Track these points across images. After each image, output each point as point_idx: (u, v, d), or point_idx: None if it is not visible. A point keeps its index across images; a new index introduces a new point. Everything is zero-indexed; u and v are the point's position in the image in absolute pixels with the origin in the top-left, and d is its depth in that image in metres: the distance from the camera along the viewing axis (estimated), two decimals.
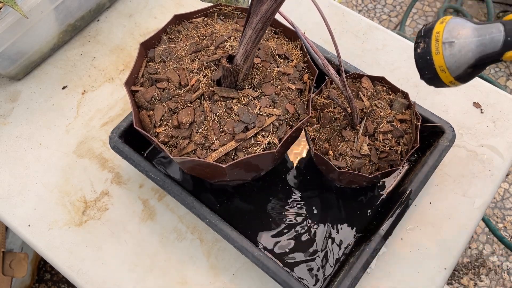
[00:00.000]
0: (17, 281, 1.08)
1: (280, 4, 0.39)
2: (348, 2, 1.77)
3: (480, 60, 0.36)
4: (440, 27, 0.38)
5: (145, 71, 0.52)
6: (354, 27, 0.76)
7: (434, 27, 0.38)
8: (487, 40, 0.36)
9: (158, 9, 0.79)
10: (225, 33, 0.53)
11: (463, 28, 0.37)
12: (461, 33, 0.37)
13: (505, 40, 0.35)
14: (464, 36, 0.36)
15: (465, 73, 0.37)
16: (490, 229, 1.08)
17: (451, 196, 0.61)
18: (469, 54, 0.36)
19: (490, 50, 0.36)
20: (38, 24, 0.67)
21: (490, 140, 0.64)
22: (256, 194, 0.61)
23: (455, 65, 0.37)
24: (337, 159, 0.53)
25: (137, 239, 0.60)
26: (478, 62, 0.37)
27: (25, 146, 0.67)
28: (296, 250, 0.58)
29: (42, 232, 0.60)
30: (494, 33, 0.35)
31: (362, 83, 0.58)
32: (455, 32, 0.37)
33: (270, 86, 0.49)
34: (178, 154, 0.47)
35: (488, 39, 0.36)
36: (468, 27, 0.37)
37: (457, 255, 0.57)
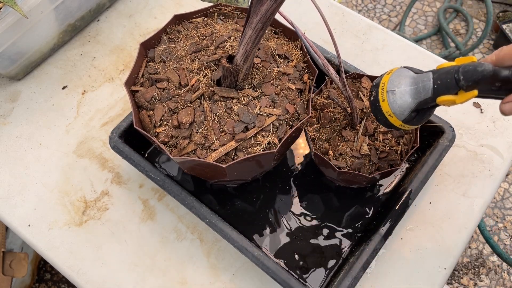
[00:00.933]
0: (17, 281, 1.08)
1: (280, 4, 0.39)
2: (348, 2, 1.77)
3: (420, 105, 0.41)
4: (386, 78, 0.42)
5: (145, 71, 0.52)
6: (354, 27, 0.76)
7: (381, 79, 0.43)
8: (420, 87, 0.40)
9: (158, 9, 0.79)
10: (225, 33, 0.53)
11: (404, 78, 0.41)
12: (401, 82, 0.41)
13: (433, 87, 0.39)
14: (403, 85, 0.41)
15: (410, 117, 0.42)
16: (484, 237, 1.08)
17: (451, 196, 0.61)
18: (409, 100, 0.41)
19: (425, 96, 0.40)
20: (38, 24, 0.67)
21: (490, 140, 0.64)
22: (256, 194, 0.61)
23: (399, 110, 0.41)
24: (337, 159, 0.53)
25: (137, 239, 0.60)
26: (419, 107, 0.41)
27: (25, 146, 0.67)
28: (296, 250, 0.58)
29: (42, 232, 0.60)
30: (425, 81, 0.40)
31: (362, 83, 0.58)
32: (396, 82, 0.42)
33: (270, 86, 0.49)
34: (178, 154, 0.47)
35: (421, 87, 0.40)
36: (408, 76, 0.41)
37: (457, 255, 0.57)
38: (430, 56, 0.72)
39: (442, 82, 0.39)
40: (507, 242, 1.27)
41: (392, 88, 0.42)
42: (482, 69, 0.36)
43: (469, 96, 0.37)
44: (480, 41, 1.50)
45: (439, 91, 0.39)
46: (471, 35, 1.62)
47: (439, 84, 0.39)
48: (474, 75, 0.36)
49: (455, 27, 1.70)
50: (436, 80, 0.39)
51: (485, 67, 0.36)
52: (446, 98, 0.38)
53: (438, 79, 0.39)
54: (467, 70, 0.37)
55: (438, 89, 0.39)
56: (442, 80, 0.39)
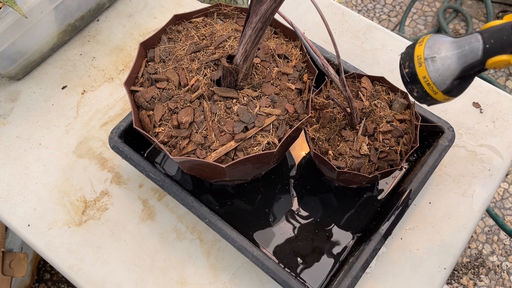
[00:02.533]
0: (16, 281, 1.08)
1: (280, 4, 0.39)
2: (348, 2, 1.77)
3: (465, 71, 0.37)
4: (420, 47, 0.39)
5: (145, 71, 0.52)
6: (354, 27, 0.76)
7: (413, 50, 0.39)
8: (467, 50, 0.37)
9: (157, 9, 0.79)
10: (225, 33, 0.53)
11: (442, 43, 0.38)
12: (441, 47, 0.38)
13: (484, 48, 0.36)
14: (444, 50, 0.38)
15: (452, 85, 0.38)
16: (498, 224, 1.07)
17: (451, 196, 0.61)
18: (452, 66, 0.37)
19: (472, 60, 0.37)
20: (38, 24, 0.67)
21: (489, 140, 0.64)
22: (256, 194, 0.61)
23: (440, 79, 0.38)
24: (336, 159, 0.53)
25: (137, 239, 0.60)
26: (463, 73, 0.38)
27: (24, 146, 0.67)
28: (296, 249, 0.58)
29: (42, 232, 0.60)
30: (473, 42, 0.37)
31: (362, 83, 0.58)
32: (435, 48, 0.38)
33: (269, 86, 0.49)
34: (178, 154, 0.47)
35: (468, 49, 0.37)
36: (447, 41, 0.38)
37: (456, 255, 0.57)
38: None
39: (496, 40, 0.35)
40: (506, 242, 1.27)
41: (432, 55, 0.38)
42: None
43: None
44: None
45: (491, 52, 0.36)
46: None
47: (492, 43, 0.35)
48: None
49: (454, 27, 1.70)
50: (488, 39, 0.36)
51: None
52: (499, 58, 0.35)
53: (490, 38, 0.36)
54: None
55: (490, 49, 0.36)
56: (496, 38, 0.35)
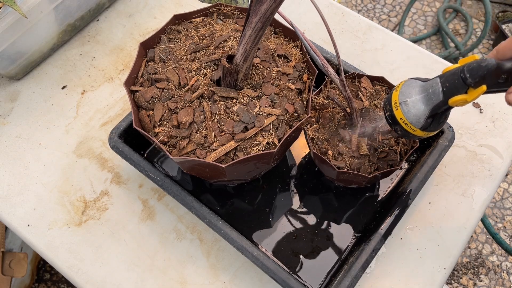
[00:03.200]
0: (16, 281, 1.08)
1: (280, 4, 0.39)
2: (348, 2, 1.77)
3: (433, 110, 0.42)
4: (396, 93, 0.45)
5: (145, 71, 0.52)
6: (354, 27, 0.76)
7: (391, 96, 0.45)
8: (431, 93, 0.42)
9: (157, 9, 0.79)
10: (225, 33, 0.53)
11: (413, 88, 0.44)
12: (411, 92, 0.43)
13: (443, 90, 0.41)
14: (414, 94, 0.43)
15: (427, 123, 0.43)
16: (490, 233, 1.08)
17: (451, 196, 0.61)
18: (422, 107, 0.43)
19: (437, 101, 0.41)
20: (38, 24, 0.67)
21: (489, 140, 0.64)
22: (256, 194, 0.61)
23: (415, 119, 0.43)
24: (336, 159, 0.53)
25: (137, 239, 0.60)
26: (433, 112, 0.42)
27: (24, 146, 0.67)
28: (296, 249, 0.58)
29: (42, 232, 0.60)
30: (434, 86, 0.42)
31: (362, 83, 0.58)
32: (407, 93, 0.44)
33: (269, 86, 0.49)
34: (178, 154, 0.47)
35: (432, 92, 0.42)
36: (417, 86, 0.43)
37: (456, 255, 0.57)
38: (429, 56, 0.72)
39: (450, 84, 0.40)
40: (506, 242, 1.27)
41: (404, 100, 0.43)
42: (485, 64, 0.37)
43: (479, 92, 0.38)
44: (480, 41, 1.50)
45: (449, 93, 0.40)
46: (470, 35, 1.62)
47: (447, 86, 0.40)
48: (479, 71, 0.38)
49: (454, 27, 1.70)
50: (444, 83, 0.41)
51: (488, 62, 0.37)
52: (457, 98, 0.40)
53: (446, 82, 0.41)
54: (471, 68, 0.38)
55: (447, 91, 0.40)
56: (450, 82, 0.40)
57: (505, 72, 0.37)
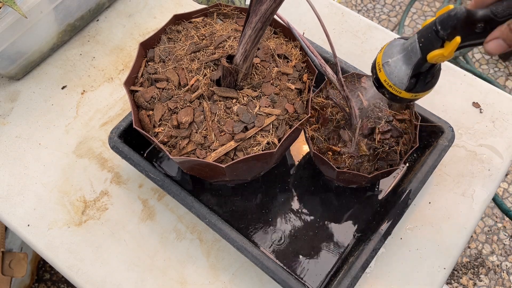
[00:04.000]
0: (16, 281, 1.08)
1: (280, 4, 0.39)
2: (348, 2, 1.77)
3: (415, 69, 0.40)
4: (380, 54, 0.43)
5: (145, 71, 0.52)
6: (354, 27, 0.76)
7: (376, 57, 0.44)
8: (410, 51, 0.40)
9: (157, 9, 0.79)
10: (225, 33, 0.53)
11: (395, 47, 0.42)
12: (393, 52, 0.42)
13: (419, 47, 0.39)
14: (395, 54, 0.41)
15: (411, 84, 0.41)
16: (496, 204, 1.07)
17: (451, 196, 0.61)
18: (403, 66, 0.41)
19: (416, 58, 0.40)
20: (38, 24, 0.67)
21: (489, 140, 0.64)
22: (256, 193, 0.61)
23: (397, 80, 0.41)
24: (336, 159, 0.53)
25: (137, 239, 0.60)
26: (416, 71, 0.40)
27: (24, 146, 0.67)
28: (296, 249, 0.58)
29: (42, 232, 0.60)
30: (412, 43, 0.40)
31: (362, 83, 0.58)
32: (389, 53, 0.42)
33: (269, 86, 0.49)
34: (178, 154, 0.47)
35: (411, 50, 0.40)
36: (398, 45, 0.42)
37: (456, 255, 0.57)
38: None
39: (425, 38, 0.38)
40: (506, 242, 1.27)
41: (386, 60, 0.42)
42: (454, 12, 0.35)
43: (453, 45, 0.36)
44: None
45: (426, 49, 0.38)
46: None
47: (423, 41, 0.38)
48: (449, 21, 0.36)
49: None
50: (420, 39, 0.39)
51: (457, 10, 0.35)
52: (434, 53, 0.38)
53: (421, 37, 0.39)
54: (442, 19, 0.36)
55: (424, 47, 0.38)
56: (425, 36, 0.38)
57: (480, 21, 0.35)
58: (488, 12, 0.35)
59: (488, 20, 0.35)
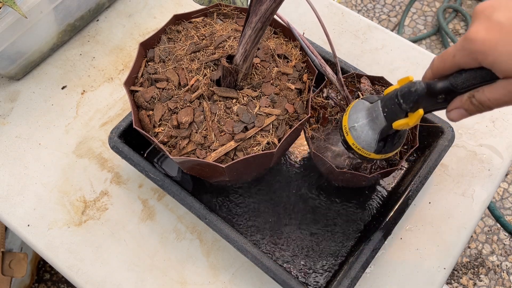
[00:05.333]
0: (16, 281, 1.08)
1: (280, 4, 0.39)
2: (348, 2, 1.77)
3: (382, 134, 0.40)
4: (345, 117, 0.43)
5: (145, 71, 0.52)
6: (354, 27, 0.76)
7: (342, 120, 0.43)
8: (375, 118, 0.40)
9: (157, 9, 0.79)
10: (225, 33, 0.53)
11: (360, 111, 0.42)
12: (358, 116, 0.42)
13: (385, 116, 0.39)
14: (361, 118, 0.41)
15: (379, 147, 0.41)
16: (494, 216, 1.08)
17: (451, 196, 0.61)
18: (370, 132, 0.41)
19: (382, 125, 0.40)
20: (38, 24, 0.67)
21: (489, 140, 0.64)
22: (256, 193, 0.61)
23: (365, 144, 0.42)
24: (336, 159, 0.53)
25: (137, 239, 0.60)
26: (382, 136, 0.41)
27: (24, 146, 0.67)
28: (296, 249, 0.58)
29: (42, 232, 0.60)
30: (377, 110, 0.40)
31: (361, 83, 0.58)
32: (354, 117, 0.42)
33: (269, 86, 0.49)
34: (178, 154, 0.47)
35: (375, 116, 0.40)
36: (363, 108, 0.41)
37: (456, 255, 0.57)
38: (429, 56, 0.72)
39: (389, 109, 0.39)
40: (506, 242, 1.27)
41: (352, 125, 0.42)
42: (414, 88, 0.36)
43: (416, 117, 0.37)
44: None
45: (390, 118, 0.39)
46: None
47: (387, 111, 0.39)
48: (410, 96, 0.36)
49: (454, 27, 1.70)
50: (384, 108, 0.39)
51: (417, 86, 0.36)
52: (399, 123, 0.38)
53: (385, 107, 0.39)
54: (403, 93, 0.37)
55: (388, 116, 0.39)
56: (388, 107, 0.39)
57: (441, 92, 0.36)
58: (448, 84, 0.35)
59: (448, 92, 0.35)
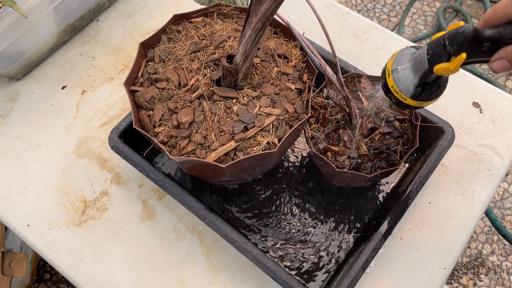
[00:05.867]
0: (16, 281, 1.08)
1: (280, 3, 0.39)
2: (348, 2, 1.77)
3: (422, 78, 0.41)
4: (390, 60, 0.44)
5: (145, 71, 0.52)
6: (354, 27, 0.76)
7: (387, 63, 0.44)
8: (418, 61, 0.41)
9: (157, 9, 0.79)
10: (225, 33, 0.53)
11: (405, 55, 0.43)
12: (403, 60, 0.42)
13: (427, 58, 0.40)
14: (405, 62, 0.42)
15: (416, 92, 0.42)
16: (495, 227, 1.08)
17: (451, 196, 0.61)
18: (411, 75, 0.42)
19: (424, 69, 0.40)
20: (38, 24, 0.67)
21: (489, 139, 0.64)
22: (256, 193, 0.61)
23: (404, 87, 0.42)
24: (336, 159, 0.53)
25: (137, 239, 0.60)
26: (422, 81, 0.41)
27: (24, 146, 0.67)
28: (296, 249, 0.58)
29: (42, 232, 0.60)
30: (421, 54, 0.41)
31: (361, 83, 0.58)
32: (399, 61, 0.43)
33: (269, 86, 0.49)
34: (178, 154, 0.47)
35: (419, 60, 0.41)
36: (408, 54, 0.43)
37: (456, 255, 0.57)
38: None
39: (433, 51, 0.39)
40: (506, 242, 1.27)
41: (395, 67, 0.43)
42: (462, 30, 0.36)
43: (459, 60, 0.37)
44: None
45: (433, 61, 0.39)
46: None
47: (431, 54, 0.39)
48: (456, 38, 0.37)
49: None
50: (429, 51, 0.40)
51: (465, 28, 0.36)
52: (440, 66, 0.39)
53: (430, 49, 0.40)
54: (450, 35, 0.37)
55: (431, 59, 0.39)
56: (433, 49, 0.39)
57: (487, 40, 0.36)
58: (496, 33, 0.36)
59: (494, 41, 0.36)
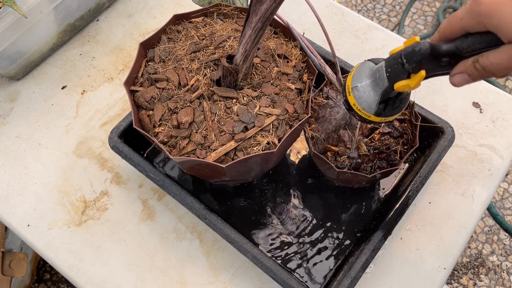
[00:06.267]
0: (16, 281, 1.08)
1: (280, 3, 0.39)
2: (348, 2, 1.77)
3: (383, 95, 0.40)
4: (350, 76, 0.43)
5: (145, 71, 0.52)
6: (354, 27, 0.76)
7: (346, 79, 0.43)
8: (377, 78, 0.40)
9: (157, 9, 0.79)
10: (225, 33, 0.53)
11: (364, 71, 0.41)
12: (362, 76, 0.41)
13: (387, 76, 0.38)
14: (364, 79, 0.41)
15: (379, 109, 0.41)
16: (497, 222, 1.08)
17: (451, 196, 0.61)
18: (372, 93, 0.40)
19: (384, 86, 0.39)
20: (38, 24, 0.67)
21: (489, 139, 0.64)
22: (256, 193, 0.61)
23: (366, 105, 0.41)
24: (336, 159, 0.53)
25: (137, 239, 0.60)
26: (384, 98, 0.40)
27: (24, 146, 0.67)
28: (296, 249, 0.58)
29: (42, 232, 0.60)
30: (380, 71, 0.39)
31: None
32: (357, 77, 0.41)
33: (269, 86, 0.49)
34: (178, 154, 0.47)
35: (378, 77, 0.39)
36: (368, 69, 0.41)
37: (456, 255, 0.57)
38: None
39: (392, 69, 0.38)
40: (506, 242, 1.27)
41: (355, 84, 0.41)
42: (418, 48, 0.35)
43: (418, 78, 0.36)
44: None
45: (393, 79, 0.38)
46: None
47: (389, 71, 0.38)
48: (414, 56, 0.36)
49: None
50: (387, 68, 0.39)
51: (421, 46, 0.35)
52: (401, 84, 0.38)
53: (388, 67, 0.39)
54: (407, 53, 0.36)
55: (390, 76, 0.38)
56: (391, 67, 0.38)
57: (445, 55, 0.35)
58: (453, 47, 0.35)
59: (453, 55, 0.35)
